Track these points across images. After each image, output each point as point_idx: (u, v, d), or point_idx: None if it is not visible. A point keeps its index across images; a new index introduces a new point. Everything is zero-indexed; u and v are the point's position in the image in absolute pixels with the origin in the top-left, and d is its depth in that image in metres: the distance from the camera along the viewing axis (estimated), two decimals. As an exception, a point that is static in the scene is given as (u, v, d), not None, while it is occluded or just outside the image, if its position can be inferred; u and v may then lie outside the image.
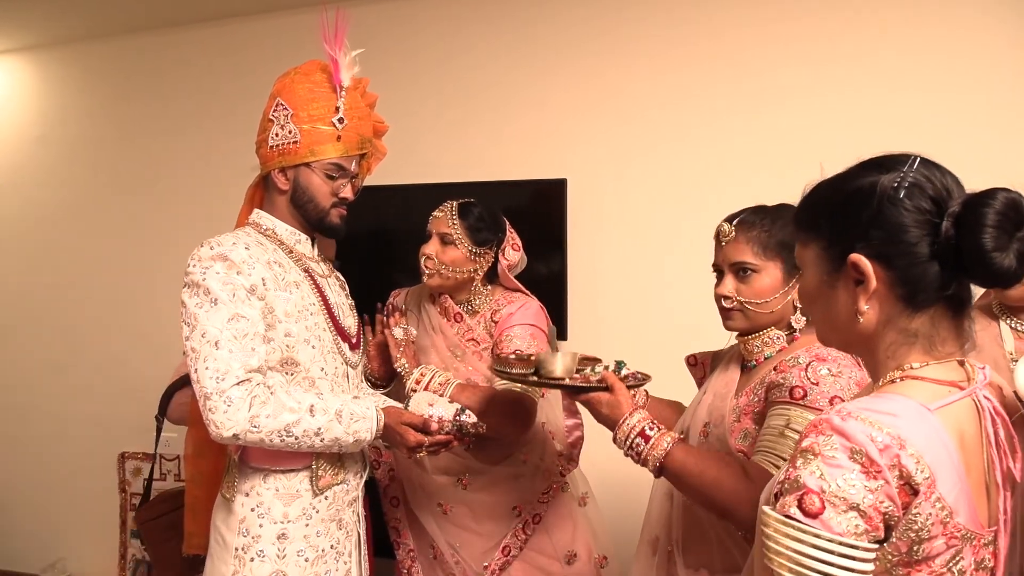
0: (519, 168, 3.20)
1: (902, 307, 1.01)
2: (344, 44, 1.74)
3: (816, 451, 0.91)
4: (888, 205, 0.99)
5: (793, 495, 0.90)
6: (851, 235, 1.02)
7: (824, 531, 0.87)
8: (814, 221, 1.08)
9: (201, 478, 1.92)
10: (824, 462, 0.89)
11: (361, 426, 1.65)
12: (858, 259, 1.00)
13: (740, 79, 2.94)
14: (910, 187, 0.99)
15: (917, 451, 0.90)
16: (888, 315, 1.02)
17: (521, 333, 2.07)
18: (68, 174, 3.96)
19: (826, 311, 1.08)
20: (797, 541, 0.88)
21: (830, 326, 1.10)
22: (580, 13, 3.15)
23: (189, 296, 1.60)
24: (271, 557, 1.66)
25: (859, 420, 0.91)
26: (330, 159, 1.74)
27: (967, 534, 0.93)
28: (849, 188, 1.04)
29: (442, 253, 2.09)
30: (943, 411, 0.95)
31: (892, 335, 1.02)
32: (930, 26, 2.73)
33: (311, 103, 1.73)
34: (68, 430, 3.95)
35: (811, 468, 0.90)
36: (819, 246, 1.07)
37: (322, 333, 1.73)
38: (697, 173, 2.98)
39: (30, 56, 3.99)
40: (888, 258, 0.99)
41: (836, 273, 1.04)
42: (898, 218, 0.98)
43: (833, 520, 0.88)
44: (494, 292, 2.20)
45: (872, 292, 1.01)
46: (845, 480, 0.88)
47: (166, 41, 3.75)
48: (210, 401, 1.53)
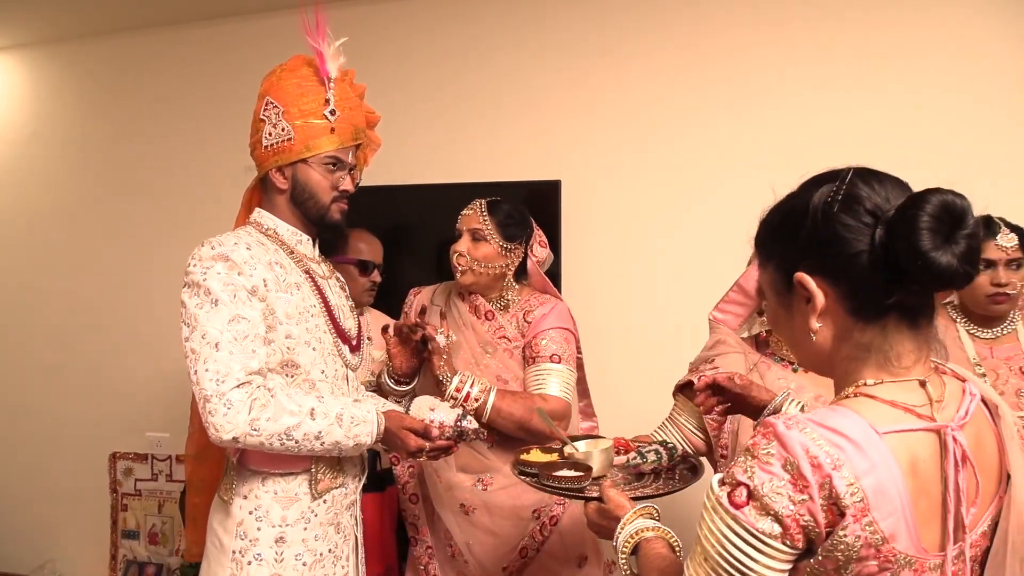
0: (513, 169, 3.20)
1: (853, 321, 1.00)
2: (327, 35, 1.72)
3: (755, 453, 0.93)
4: (823, 221, 0.98)
5: (728, 485, 0.95)
6: (795, 254, 1.02)
7: (744, 521, 0.92)
8: (766, 245, 1.09)
9: (202, 485, 1.89)
10: (759, 465, 0.92)
11: (362, 430, 1.64)
12: (801, 277, 1.00)
13: (733, 81, 2.95)
14: (844, 200, 0.98)
15: (853, 474, 0.89)
16: (841, 330, 1.01)
17: (556, 336, 2.12)
18: (60, 173, 3.93)
19: (790, 333, 1.08)
20: (723, 523, 0.94)
21: (797, 348, 1.10)
22: (574, 15, 3.15)
23: (189, 296, 1.58)
24: (269, 561, 1.65)
25: (801, 431, 0.91)
26: (326, 152, 1.72)
27: (907, 559, 0.92)
28: (788, 208, 1.05)
29: (474, 249, 2.12)
30: (893, 436, 0.92)
31: (846, 350, 1.01)
32: (922, 26, 2.74)
33: (301, 98, 1.70)
34: (59, 430, 3.92)
35: (746, 467, 0.93)
36: (772, 268, 1.07)
37: (323, 335, 1.71)
38: (690, 175, 2.99)
39: (23, 54, 3.96)
40: (832, 273, 0.99)
41: (789, 294, 1.04)
42: (835, 232, 0.97)
43: (752, 516, 0.92)
44: (523, 291, 2.23)
45: (821, 309, 1.00)
46: (772, 487, 0.91)
47: (159, 40, 3.73)
48: (210, 404, 1.51)
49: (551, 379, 2.09)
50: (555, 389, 2.08)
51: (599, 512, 1.36)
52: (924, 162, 2.72)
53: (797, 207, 1.03)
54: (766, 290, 1.10)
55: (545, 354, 2.09)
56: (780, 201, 1.09)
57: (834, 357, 1.03)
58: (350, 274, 2.50)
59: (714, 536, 0.95)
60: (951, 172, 2.65)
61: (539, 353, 2.10)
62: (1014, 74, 2.64)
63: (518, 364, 2.15)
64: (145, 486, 3.71)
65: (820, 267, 0.99)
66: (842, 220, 0.97)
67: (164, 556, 3.66)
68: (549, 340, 2.11)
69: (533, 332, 2.13)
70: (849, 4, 2.81)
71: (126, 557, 3.72)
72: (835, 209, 0.98)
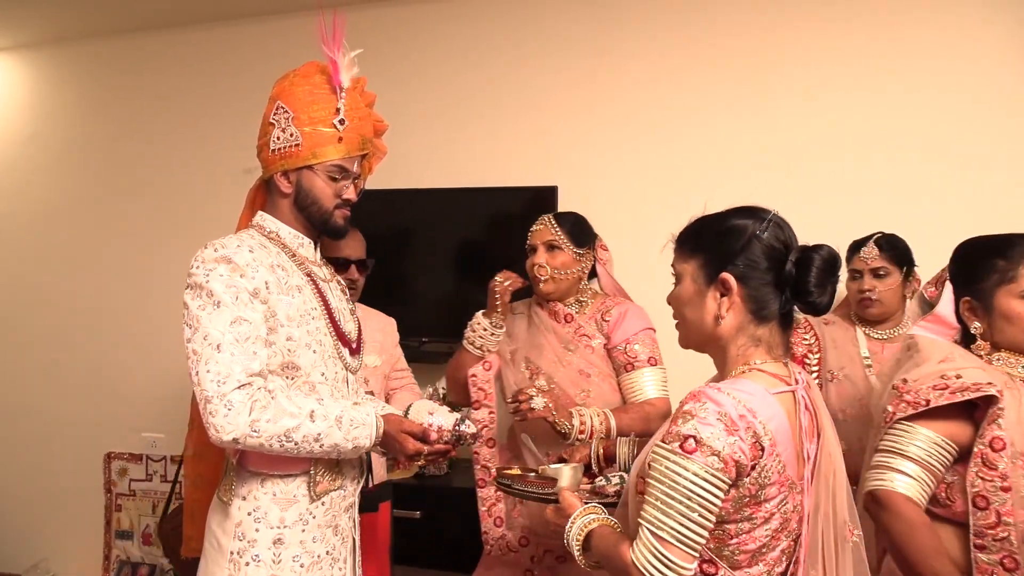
0: (510, 174, 3.21)
1: (751, 319, 1.38)
2: (343, 45, 1.73)
3: (694, 413, 1.27)
4: (755, 242, 1.37)
5: (676, 440, 1.25)
6: (724, 259, 1.38)
7: (697, 461, 1.23)
8: (697, 244, 1.43)
9: (201, 481, 1.91)
10: (698, 421, 1.25)
11: (361, 432, 1.65)
12: (727, 277, 1.37)
13: (731, 85, 2.98)
14: (770, 232, 1.37)
15: (763, 419, 1.28)
16: (740, 323, 1.39)
17: (646, 339, 2.26)
18: (60, 174, 3.93)
19: (694, 314, 1.42)
20: (679, 467, 1.24)
21: (695, 328, 1.44)
22: (571, 21, 3.17)
23: (192, 298, 1.59)
24: (266, 562, 1.66)
25: (726, 394, 1.28)
26: (332, 161, 1.73)
27: (792, 483, 1.33)
28: (728, 225, 1.40)
29: (552, 259, 2.27)
30: (777, 396, 1.34)
31: (743, 339, 1.39)
32: (918, 26, 2.79)
33: (311, 105, 1.72)
34: (55, 430, 3.91)
35: (688, 425, 1.26)
36: (697, 263, 1.42)
37: (323, 338, 1.73)
38: (687, 180, 3.01)
39: (23, 54, 3.97)
40: (747, 280, 1.37)
41: (707, 286, 1.40)
42: (759, 253, 1.36)
43: (702, 458, 1.23)
44: (597, 295, 2.36)
45: (731, 304, 1.38)
46: (711, 433, 1.24)
47: (160, 42, 3.74)
48: (210, 404, 1.52)
49: (653, 382, 2.23)
50: (657, 391, 2.22)
51: (556, 512, 1.55)
52: (923, 163, 2.76)
53: (736, 227, 1.38)
54: (682, 276, 1.44)
55: (642, 358, 2.23)
56: (715, 216, 1.44)
57: (728, 342, 1.40)
58: None
59: (670, 480, 1.24)
60: (950, 172, 2.71)
61: (636, 358, 2.23)
62: (1013, 74, 2.68)
63: (600, 358, 2.26)
64: (139, 486, 3.72)
65: (740, 274, 1.37)
66: (766, 246, 1.36)
67: (157, 557, 3.65)
68: (642, 345, 2.24)
69: (622, 338, 2.24)
70: (847, 6, 2.84)
71: (119, 557, 3.72)
72: (764, 237, 1.37)
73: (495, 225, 3.21)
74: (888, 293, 2.42)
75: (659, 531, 1.24)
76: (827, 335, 2.51)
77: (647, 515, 1.26)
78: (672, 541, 1.23)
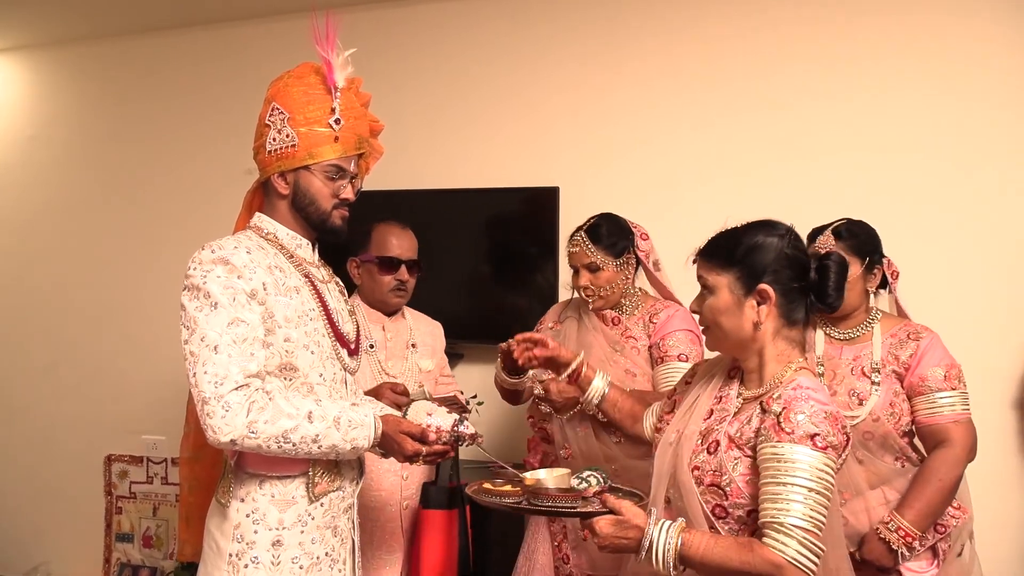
0: (511, 175, 3.21)
1: (784, 323, 1.52)
2: (336, 45, 1.73)
3: (803, 411, 1.40)
4: (784, 254, 1.51)
5: (804, 438, 1.37)
6: (759, 271, 1.50)
7: (829, 455, 1.37)
8: (730, 258, 1.53)
9: (197, 484, 1.90)
10: (810, 419, 1.40)
11: (359, 433, 1.65)
12: (766, 287, 1.49)
13: (731, 87, 2.97)
14: (792, 245, 1.53)
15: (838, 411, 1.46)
16: (776, 328, 1.52)
17: (683, 338, 2.27)
18: (59, 175, 3.94)
19: (732, 322, 1.52)
20: (819, 463, 1.36)
21: (733, 334, 1.53)
22: (572, 22, 3.17)
23: (189, 299, 1.59)
24: (265, 564, 1.65)
25: (818, 393, 1.44)
26: (329, 161, 1.73)
27: None
28: (757, 239, 1.52)
29: (595, 280, 2.29)
30: None
31: (781, 342, 1.52)
32: (913, 26, 2.80)
33: (307, 106, 1.72)
34: (55, 432, 3.91)
35: (802, 423, 1.39)
36: (733, 276, 1.52)
37: (321, 339, 1.72)
38: (689, 181, 3.01)
39: (23, 56, 3.97)
40: (779, 288, 1.50)
41: (746, 296, 1.51)
42: (787, 264, 1.51)
43: (832, 453, 1.38)
44: (646, 297, 2.39)
45: (769, 311, 1.50)
46: (826, 429, 1.39)
47: (159, 44, 3.74)
48: (208, 406, 1.52)
49: (678, 377, 2.18)
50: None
51: (617, 524, 1.44)
52: (921, 162, 2.76)
53: (766, 242, 1.52)
54: (717, 288, 1.53)
55: (673, 354, 2.24)
56: (744, 230, 1.56)
57: (766, 345, 1.51)
58: (371, 272, 2.45)
59: (814, 474, 1.35)
60: (949, 171, 2.71)
61: (667, 353, 2.25)
62: (1013, 74, 2.68)
63: (645, 361, 2.29)
64: (140, 489, 3.72)
65: (773, 282, 1.50)
66: (792, 257, 1.51)
67: (158, 559, 3.66)
68: (676, 341, 2.26)
69: (660, 334, 2.27)
70: (845, 7, 2.84)
71: (120, 560, 3.72)
72: (789, 250, 1.52)
73: (496, 226, 3.21)
74: (846, 287, 2.22)
75: (805, 523, 1.33)
76: None
77: (787, 510, 1.33)
78: (818, 531, 1.34)
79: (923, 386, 2.06)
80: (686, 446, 1.53)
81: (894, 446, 2.07)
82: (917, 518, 2.00)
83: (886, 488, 2.08)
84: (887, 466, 2.08)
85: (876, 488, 2.08)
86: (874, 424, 2.06)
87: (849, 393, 2.11)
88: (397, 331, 2.50)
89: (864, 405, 2.08)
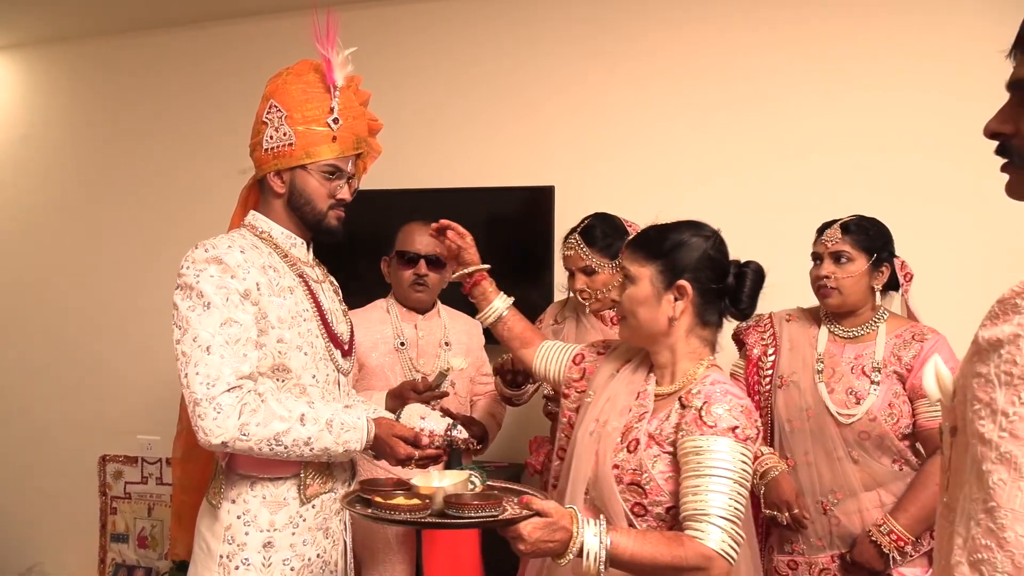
0: (507, 175, 3.20)
1: (697, 322, 1.56)
2: (336, 43, 1.72)
3: (725, 404, 1.45)
4: (707, 255, 1.55)
5: (726, 431, 1.41)
6: (681, 268, 1.54)
7: (749, 447, 1.43)
8: (657, 251, 1.56)
9: (189, 483, 1.89)
10: (730, 413, 1.44)
11: (351, 436, 1.64)
12: (685, 284, 1.53)
13: (728, 86, 2.97)
14: (716, 248, 1.57)
15: None
16: (690, 326, 1.56)
17: None
18: (52, 174, 3.92)
19: (649, 314, 1.55)
20: (740, 455, 1.41)
21: (647, 326, 1.56)
22: (568, 21, 3.16)
23: (182, 299, 1.57)
24: (256, 565, 1.64)
25: (735, 388, 1.51)
26: (326, 160, 1.71)
27: None
28: (685, 237, 1.56)
29: (591, 283, 2.28)
30: None
31: (694, 340, 1.57)
32: (907, 27, 2.79)
33: (305, 104, 1.70)
34: (49, 432, 3.90)
35: (722, 417, 1.43)
36: (656, 269, 1.55)
37: (314, 340, 1.71)
38: (685, 180, 3.01)
39: (15, 54, 3.96)
40: (698, 288, 1.54)
41: (665, 290, 1.54)
42: (710, 265, 1.55)
43: (750, 445, 1.44)
44: None
45: (684, 308, 1.53)
46: (744, 423, 1.44)
47: (153, 42, 3.73)
48: (199, 407, 1.51)
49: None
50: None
51: (546, 527, 1.34)
52: (921, 162, 2.75)
53: (693, 240, 1.56)
54: (639, 279, 1.56)
55: None
56: (670, 227, 1.60)
57: (678, 341, 1.56)
58: (395, 269, 2.48)
59: (737, 465, 1.39)
60: (950, 171, 2.70)
61: None
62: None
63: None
64: (135, 489, 3.70)
65: (694, 281, 1.53)
66: (715, 259, 1.55)
67: (153, 560, 3.64)
68: None
69: None
70: (845, 5, 2.84)
71: (115, 560, 3.70)
72: (713, 252, 1.56)
73: (492, 225, 3.19)
74: (849, 282, 2.11)
75: (728, 513, 1.35)
76: (785, 334, 2.27)
77: (712, 502, 1.35)
78: (739, 520, 1.37)
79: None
80: (607, 444, 1.52)
81: (891, 448, 2.05)
82: (911, 522, 1.98)
83: (881, 490, 2.06)
84: (883, 468, 2.06)
85: (872, 490, 2.07)
86: (871, 424, 2.04)
87: (847, 391, 2.09)
88: (430, 329, 2.49)
89: (861, 404, 2.06)
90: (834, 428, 2.08)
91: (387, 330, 2.45)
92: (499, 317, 1.87)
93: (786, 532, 2.15)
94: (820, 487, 2.10)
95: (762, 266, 1.59)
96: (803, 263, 2.24)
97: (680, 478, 1.42)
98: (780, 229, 2.81)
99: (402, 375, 2.39)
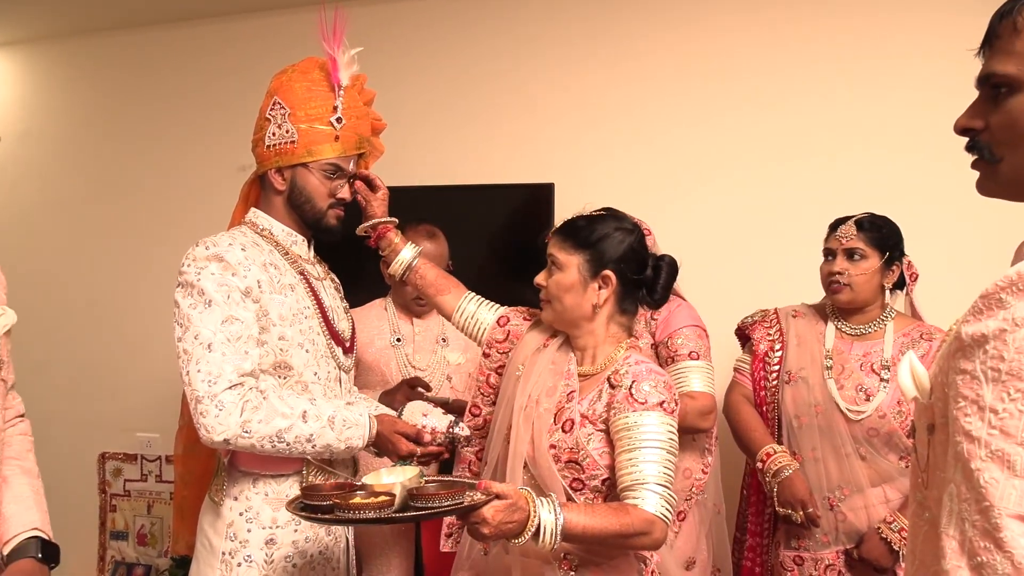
0: (507, 172, 3.20)
1: (618, 309, 1.65)
2: (343, 42, 1.72)
3: (652, 383, 1.55)
4: (630, 248, 1.64)
5: (654, 405, 1.52)
6: (607, 258, 1.62)
7: (674, 418, 1.55)
8: (585, 241, 1.63)
9: (190, 477, 1.89)
10: (655, 389, 1.54)
11: (353, 433, 1.64)
12: (610, 274, 1.61)
13: (727, 83, 2.96)
14: (639, 242, 1.66)
15: None
16: (611, 313, 1.65)
17: (690, 334, 2.19)
18: (51, 171, 3.90)
19: (574, 300, 1.62)
20: (668, 426, 1.52)
21: (571, 311, 1.64)
22: (568, 19, 3.15)
23: (183, 296, 1.58)
24: (258, 562, 1.64)
25: (656, 367, 1.63)
26: (328, 159, 1.72)
27: None
28: (611, 229, 1.64)
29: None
30: None
31: (614, 326, 1.66)
32: (908, 26, 2.78)
33: (309, 102, 1.71)
34: (48, 429, 3.87)
35: (652, 393, 1.53)
36: (584, 257, 1.62)
37: (316, 337, 1.71)
38: (684, 177, 3.00)
39: (14, 50, 3.94)
40: (621, 278, 1.62)
41: (591, 279, 1.62)
42: (632, 257, 1.64)
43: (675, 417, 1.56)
44: None
45: (608, 296, 1.62)
46: (667, 397, 1.55)
47: (153, 38, 3.72)
48: (201, 405, 1.51)
49: (693, 376, 2.15)
50: (699, 385, 2.14)
51: (507, 509, 1.35)
52: (921, 162, 2.75)
53: (618, 233, 1.64)
54: (567, 266, 1.63)
55: (683, 352, 2.17)
56: (599, 219, 1.67)
57: (599, 327, 1.65)
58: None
59: (666, 435, 1.50)
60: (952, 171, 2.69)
61: (677, 352, 2.18)
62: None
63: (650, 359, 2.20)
64: (134, 487, 3.70)
65: (617, 272, 1.62)
66: (638, 252, 1.65)
67: (153, 557, 3.64)
68: (684, 339, 2.19)
69: (667, 332, 2.20)
70: (843, 5, 2.84)
71: (114, 558, 3.70)
72: (637, 245, 1.66)
73: (492, 223, 3.19)
74: (861, 279, 2.11)
75: (663, 479, 1.47)
76: (792, 329, 2.26)
77: (648, 471, 1.46)
78: (671, 485, 1.48)
79: None
80: (541, 425, 1.60)
81: (899, 445, 2.06)
82: None
83: (887, 487, 2.07)
84: (891, 464, 2.07)
85: (878, 486, 2.08)
86: (880, 421, 2.06)
87: (856, 388, 2.10)
88: (427, 325, 2.49)
89: (871, 401, 2.07)
90: (843, 424, 2.09)
91: (384, 326, 2.46)
92: (408, 266, 1.89)
93: (792, 527, 2.15)
94: (827, 483, 2.11)
95: (676, 259, 1.70)
96: (802, 260, 2.24)
97: (615, 452, 1.52)
98: (779, 227, 2.81)
99: (397, 370, 2.39)
